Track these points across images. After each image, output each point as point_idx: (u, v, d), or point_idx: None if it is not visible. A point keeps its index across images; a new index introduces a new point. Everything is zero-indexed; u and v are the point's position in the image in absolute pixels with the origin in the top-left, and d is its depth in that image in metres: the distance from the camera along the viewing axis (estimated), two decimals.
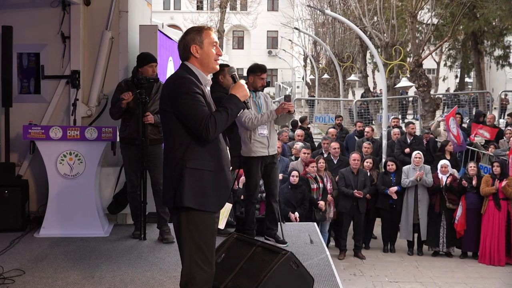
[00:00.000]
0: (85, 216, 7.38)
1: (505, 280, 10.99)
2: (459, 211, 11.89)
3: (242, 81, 4.25)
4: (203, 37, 4.15)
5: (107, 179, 7.99)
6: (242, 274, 5.20)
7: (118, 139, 7.32)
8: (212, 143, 4.07)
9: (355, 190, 11.70)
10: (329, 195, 11.46)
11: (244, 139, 6.87)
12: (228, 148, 4.30)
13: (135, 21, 8.60)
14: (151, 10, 9.95)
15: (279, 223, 7.43)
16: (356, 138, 14.72)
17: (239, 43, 57.87)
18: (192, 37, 4.15)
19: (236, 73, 4.41)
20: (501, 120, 24.81)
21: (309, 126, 17.05)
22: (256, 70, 6.97)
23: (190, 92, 3.99)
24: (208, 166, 4.06)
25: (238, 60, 43.70)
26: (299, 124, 16.75)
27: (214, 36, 4.19)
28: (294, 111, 6.98)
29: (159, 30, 8.31)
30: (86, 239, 7.16)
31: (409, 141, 14.12)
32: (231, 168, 7.17)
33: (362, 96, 29.94)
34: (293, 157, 12.82)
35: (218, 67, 4.27)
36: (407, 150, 13.60)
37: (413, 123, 15.17)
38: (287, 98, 6.97)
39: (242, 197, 8.92)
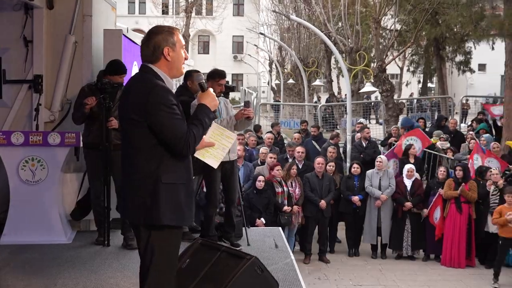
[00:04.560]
0: (48, 223, 7.27)
1: (465, 282, 11.17)
2: (437, 214, 12.05)
3: (211, 90, 4.13)
4: (176, 38, 3.92)
5: (70, 185, 7.89)
6: (207, 280, 5.19)
7: (81, 145, 7.25)
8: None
9: (321, 201, 11.78)
10: (295, 206, 11.52)
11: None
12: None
13: (99, 25, 8.54)
14: (116, 14, 9.89)
15: (243, 228, 7.46)
16: (313, 142, 14.80)
17: (204, 48, 57.78)
18: (165, 38, 3.89)
19: (204, 81, 4.25)
20: (463, 125, 25.22)
21: (280, 132, 17.08)
22: (215, 75, 6.97)
23: (169, 104, 3.77)
24: (182, 178, 3.90)
25: (204, 65, 43.42)
26: (271, 129, 16.76)
27: (182, 38, 4.02)
28: (253, 116, 7.01)
29: (123, 34, 8.28)
30: (48, 246, 7.06)
31: (364, 145, 14.28)
32: (196, 173, 7.24)
33: (327, 101, 30.13)
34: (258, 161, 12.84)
35: (183, 71, 4.12)
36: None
37: (368, 128, 15.35)
38: (247, 104, 6.99)
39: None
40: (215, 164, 5.82)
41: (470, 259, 11.99)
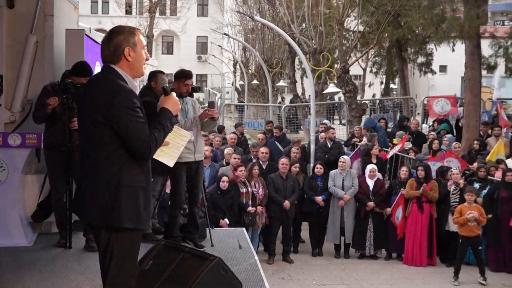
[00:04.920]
0: (8, 225, 7.14)
1: (427, 280, 11.35)
2: (399, 214, 12.19)
3: (174, 94, 4.12)
4: (137, 39, 3.91)
5: (31, 187, 7.78)
6: (170, 281, 5.18)
7: (42, 146, 7.15)
8: None
9: (285, 202, 11.83)
10: (259, 207, 11.55)
11: None
12: None
13: (61, 25, 8.44)
14: (78, 14, 9.79)
15: (207, 228, 7.46)
16: (276, 143, 14.86)
17: (168, 48, 57.47)
18: (126, 38, 3.88)
19: (167, 84, 4.25)
20: (424, 125, 25.58)
21: (243, 132, 17.11)
22: (181, 76, 6.97)
23: (132, 107, 3.77)
24: (142, 181, 3.90)
25: (168, 65, 43.23)
26: (234, 129, 16.77)
27: (143, 38, 4.01)
28: (218, 117, 7.03)
29: (86, 34, 8.20)
30: (8, 249, 6.94)
31: (329, 145, 14.39)
32: (160, 174, 7.20)
33: (291, 102, 30.26)
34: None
35: (145, 71, 4.10)
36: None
37: (333, 129, 15.48)
38: (211, 104, 7.01)
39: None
40: (170, 162, 5.83)
41: (432, 257, 12.18)
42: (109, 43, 3.91)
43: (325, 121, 19.11)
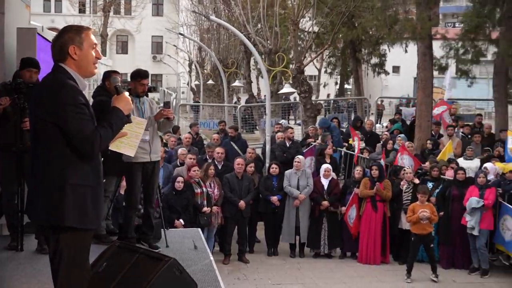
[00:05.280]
0: None
1: (380, 278, 11.52)
2: (353, 213, 12.32)
3: (126, 94, 4.11)
4: (83, 37, 3.90)
5: None
6: (124, 283, 5.14)
7: None
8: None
9: (240, 202, 11.85)
10: (214, 207, 11.55)
11: None
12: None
13: (12, 23, 8.26)
14: (30, 13, 9.61)
15: (162, 229, 7.43)
16: (232, 143, 14.88)
17: (123, 48, 56.95)
18: (71, 36, 3.88)
19: (119, 84, 4.22)
20: (378, 125, 25.91)
21: (198, 132, 17.04)
22: (137, 76, 6.94)
23: (76, 104, 3.75)
24: (89, 180, 3.85)
25: (122, 65, 42.83)
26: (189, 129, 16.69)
27: (93, 37, 3.99)
28: (174, 117, 7.01)
29: (38, 33, 8.07)
30: None
31: (288, 145, 14.47)
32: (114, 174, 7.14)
33: (246, 102, 30.30)
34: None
35: (96, 71, 4.07)
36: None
37: (292, 128, 15.57)
38: (167, 105, 7.00)
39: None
40: (131, 152, 5.83)
41: (385, 256, 12.36)
42: (55, 43, 3.94)
43: (283, 121, 19.23)
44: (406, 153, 13.73)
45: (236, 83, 29.07)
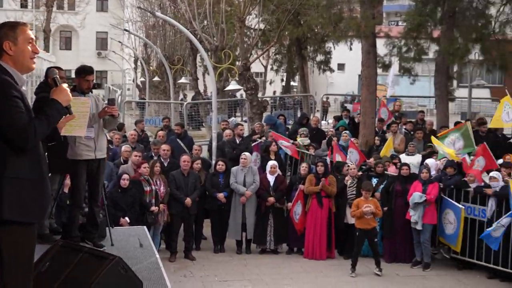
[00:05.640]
0: None
1: (325, 273, 11.67)
2: (298, 209, 12.43)
3: (65, 85, 4.07)
4: (18, 33, 3.86)
5: None
6: (68, 283, 5.08)
7: None
8: (31, 149, 3.81)
9: (186, 199, 11.82)
10: (161, 205, 11.50)
11: (70, 141, 6.71)
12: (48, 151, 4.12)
13: None
14: None
15: (107, 228, 7.35)
16: (178, 140, 14.83)
17: (66, 44, 55.99)
18: (5, 32, 3.84)
19: (57, 76, 4.19)
20: (323, 122, 26.21)
21: (144, 129, 16.90)
22: (81, 72, 6.85)
23: (8, 96, 3.71)
24: (27, 174, 3.78)
25: (66, 61, 42.09)
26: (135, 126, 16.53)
27: (30, 32, 3.95)
28: (119, 114, 6.95)
29: None
30: None
31: (238, 142, 14.51)
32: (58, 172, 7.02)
33: (193, 99, 30.19)
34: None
35: (34, 66, 4.01)
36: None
37: (242, 125, 15.63)
38: (111, 102, 6.92)
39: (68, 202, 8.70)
40: (82, 132, 5.87)
41: (331, 251, 12.53)
42: None
43: (233, 118, 19.25)
44: (353, 148, 13.97)
45: (182, 80, 28.94)
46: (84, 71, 6.88)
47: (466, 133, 13.15)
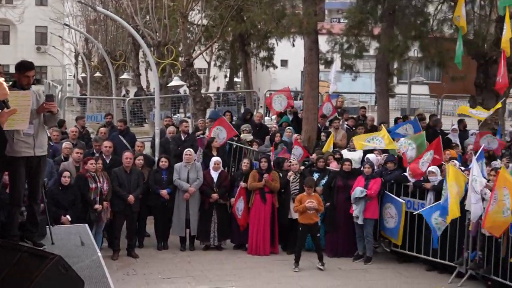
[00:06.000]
0: None
1: (269, 269, 11.75)
2: (241, 205, 12.45)
3: (1, 79, 3.98)
4: None
5: None
6: (7, 283, 4.96)
7: None
8: None
9: (129, 196, 11.70)
10: (104, 202, 11.36)
11: (8, 138, 6.54)
12: None
13: None
14: None
15: (47, 226, 7.21)
16: (120, 137, 14.66)
17: (4, 38, 54.65)
18: None
19: None
20: (266, 118, 26.29)
21: (85, 126, 16.62)
22: (21, 67, 6.68)
23: None
24: None
25: (4, 56, 41.07)
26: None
27: None
28: (58, 111, 6.83)
29: None
30: None
31: (183, 138, 14.46)
32: None
33: (135, 95, 29.88)
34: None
35: None
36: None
37: (187, 122, 15.56)
38: (49, 98, 6.78)
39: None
40: (24, 125, 5.82)
41: (274, 246, 12.61)
42: None
43: (178, 115, 19.12)
44: (297, 144, 14.10)
45: (125, 76, 28.63)
46: (24, 66, 6.71)
47: (421, 143, 13.45)
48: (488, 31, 16.32)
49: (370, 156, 13.22)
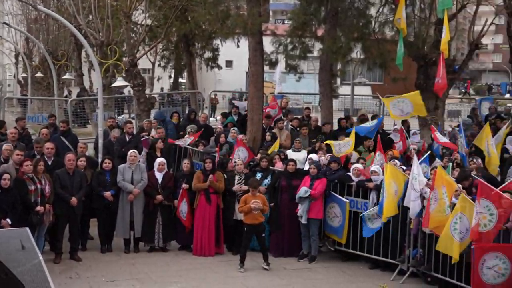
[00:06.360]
0: None
1: (214, 270, 11.74)
2: (184, 208, 12.41)
3: None
4: None
5: None
6: None
7: None
8: None
9: (72, 199, 11.53)
10: (46, 205, 11.15)
11: None
12: None
13: None
14: None
15: None
16: (62, 138, 14.43)
17: None
18: None
19: None
20: (211, 119, 26.33)
21: (25, 127, 16.26)
22: None
23: None
24: None
25: None
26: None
27: None
28: None
29: None
30: None
31: (127, 139, 14.33)
32: None
33: (78, 95, 29.46)
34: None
35: None
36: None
37: (131, 123, 15.42)
38: None
39: None
40: None
41: (219, 247, 12.62)
42: None
43: (123, 116, 18.92)
44: (242, 146, 14.13)
45: (67, 76, 28.15)
46: None
47: None
48: (428, 33, 16.69)
49: (313, 156, 13.37)
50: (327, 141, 14.38)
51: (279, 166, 13.40)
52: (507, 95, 53.78)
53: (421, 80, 16.49)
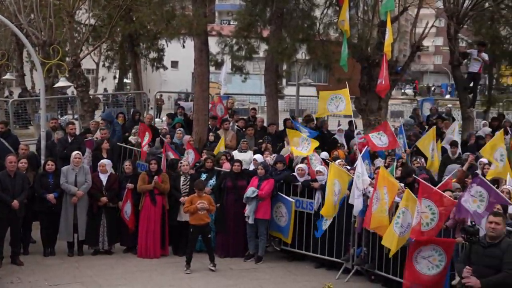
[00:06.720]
0: None
1: (160, 271, 11.67)
2: (129, 209, 12.30)
3: None
4: None
5: None
6: None
7: None
8: None
9: (13, 202, 11.26)
10: None
11: None
12: None
13: None
14: None
15: None
16: (2, 140, 14.10)
17: None
18: None
19: None
20: (157, 120, 26.14)
21: None
22: None
23: None
24: None
25: None
26: None
27: None
28: None
29: None
30: None
31: (70, 141, 14.12)
32: None
33: (19, 96, 28.80)
34: None
35: None
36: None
37: (74, 124, 15.19)
38: None
39: None
40: None
41: (164, 248, 12.55)
42: None
43: (66, 117, 18.60)
44: (190, 148, 14.11)
45: (8, 76, 27.42)
46: None
47: None
48: (371, 35, 16.93)
49: (257, 156, 13.40)
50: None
51: (226, 166, 13.40)
52: (448, 96, 55.08)
53: (365, 81, 16.70)
